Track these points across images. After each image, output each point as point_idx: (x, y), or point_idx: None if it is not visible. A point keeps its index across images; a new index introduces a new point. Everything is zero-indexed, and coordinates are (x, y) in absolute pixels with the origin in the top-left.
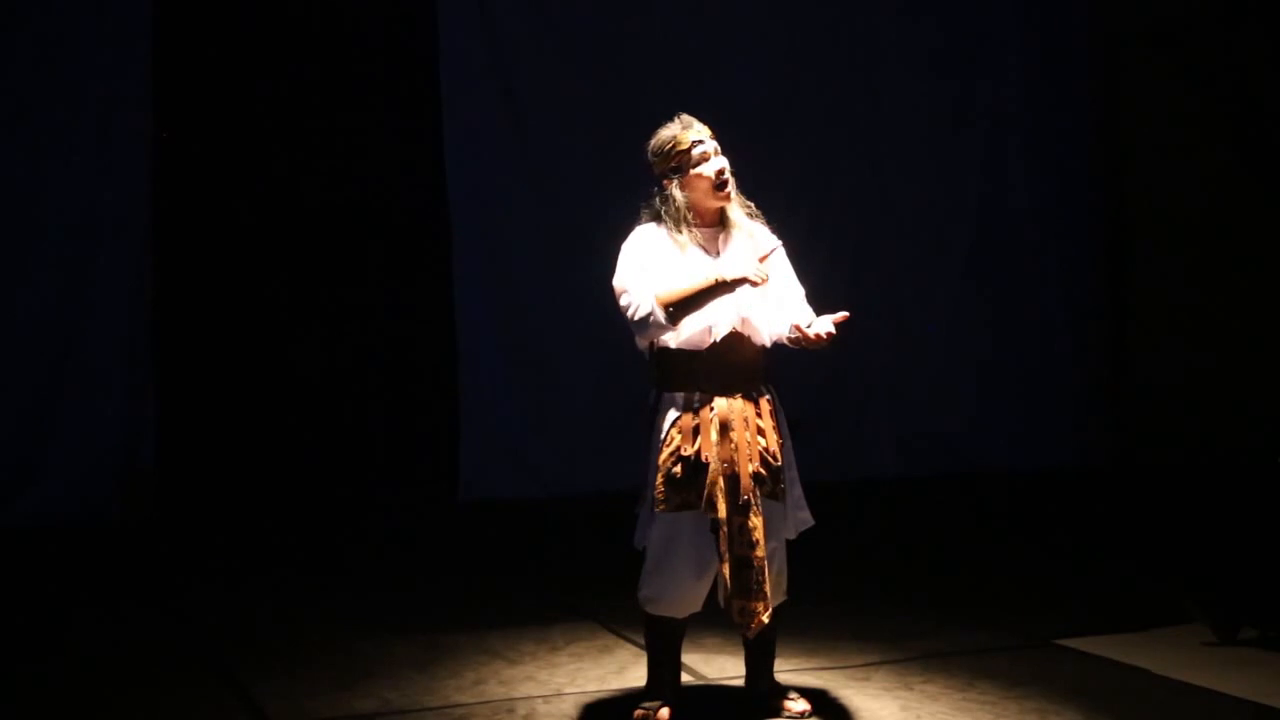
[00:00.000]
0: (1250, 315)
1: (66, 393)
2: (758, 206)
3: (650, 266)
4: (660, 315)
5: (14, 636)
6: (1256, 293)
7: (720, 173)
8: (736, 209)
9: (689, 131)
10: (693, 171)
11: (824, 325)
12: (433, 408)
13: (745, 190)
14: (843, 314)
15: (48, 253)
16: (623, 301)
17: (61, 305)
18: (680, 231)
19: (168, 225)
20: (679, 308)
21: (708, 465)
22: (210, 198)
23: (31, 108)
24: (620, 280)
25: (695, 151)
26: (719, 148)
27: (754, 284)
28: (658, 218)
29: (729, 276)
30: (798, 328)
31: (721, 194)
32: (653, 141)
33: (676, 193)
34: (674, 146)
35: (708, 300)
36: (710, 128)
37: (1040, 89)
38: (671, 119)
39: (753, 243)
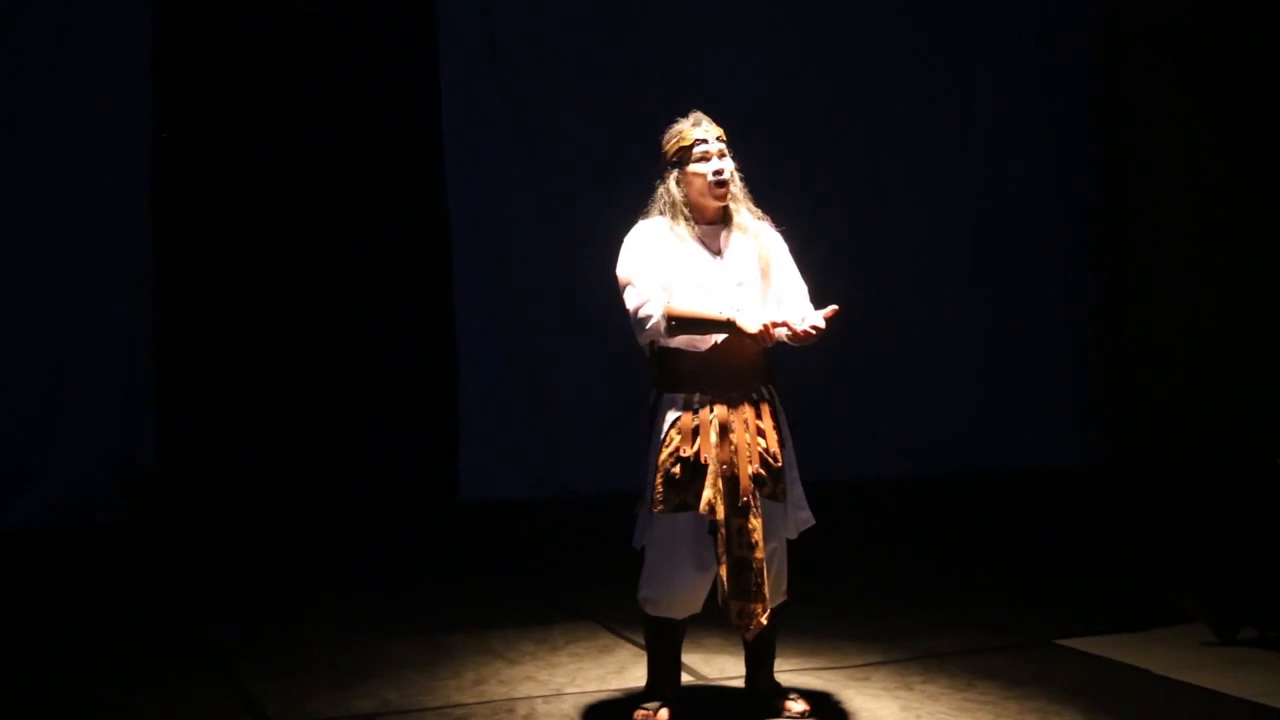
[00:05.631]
0: (1250, 316)
1: (67, 393)
2: (758, 205)
3: (656, 260)
4: (662, 326)
5: (14, 637)
6: (1256, 293)
7: (717, 174)
8: (743, 210)
9: (696, 129)
10: (690, 168)
11: (814, 319)
12: (433, 408)
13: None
14: (832, 308)
15: (48, 253)
16: (627, 294)
17: (62, 306)
18: (678, 223)
19: (168, 225)
20: (682, 325)
21: (707, 466)
22: (210, 198)
23: (31, 108)
24: (626, 271)
25: (696, 150)
26: (725, 150)
27: (762, 343)
28: (662, 209)
29: (742, 325)
30: (787, 324)
31: (716, 193)
32: (665, 134)
33: (673, 186)
34: (677, 141)
35: (712, 332)
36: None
37: (1040, 89)
38: (684, 115)
39: (756, 243)
